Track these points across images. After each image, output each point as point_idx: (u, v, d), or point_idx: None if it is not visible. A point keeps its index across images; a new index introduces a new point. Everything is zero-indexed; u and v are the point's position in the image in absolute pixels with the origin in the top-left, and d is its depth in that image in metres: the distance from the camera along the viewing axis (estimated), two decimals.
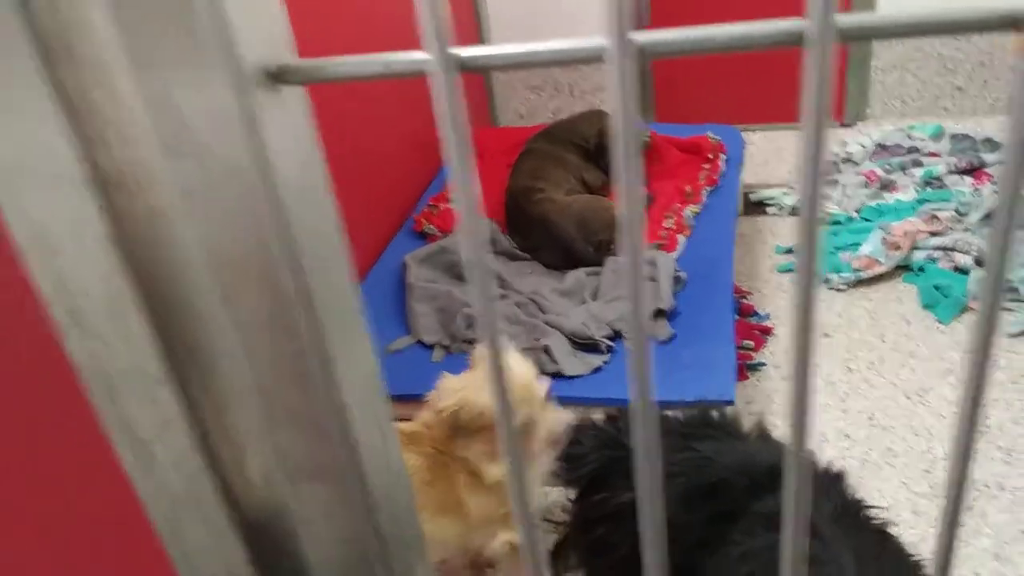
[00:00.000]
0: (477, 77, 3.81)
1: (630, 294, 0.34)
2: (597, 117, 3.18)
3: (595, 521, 1.60)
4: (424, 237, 2.82)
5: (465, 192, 0.48)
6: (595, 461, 1.62)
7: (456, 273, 2.61)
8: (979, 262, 2.88)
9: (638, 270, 0.35)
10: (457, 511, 1.60)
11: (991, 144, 3.44)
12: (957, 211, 3.11)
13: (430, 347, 2.35)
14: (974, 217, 3.07)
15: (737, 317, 2.72)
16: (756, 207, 3.42)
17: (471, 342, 2.37)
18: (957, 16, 0.36)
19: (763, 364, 2.60)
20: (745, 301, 2.84)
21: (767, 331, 2.72)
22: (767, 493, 1.39)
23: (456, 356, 2.33)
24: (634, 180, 0.34)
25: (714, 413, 1.65)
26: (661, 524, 0.40)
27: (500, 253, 2.75)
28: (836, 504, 1.37)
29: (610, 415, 1.70)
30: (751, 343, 2.64)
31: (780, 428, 2.38)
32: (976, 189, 3.20)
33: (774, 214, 3.39)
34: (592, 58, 0.43)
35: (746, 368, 2.56)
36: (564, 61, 0.44)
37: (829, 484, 1.41)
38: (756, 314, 2.80)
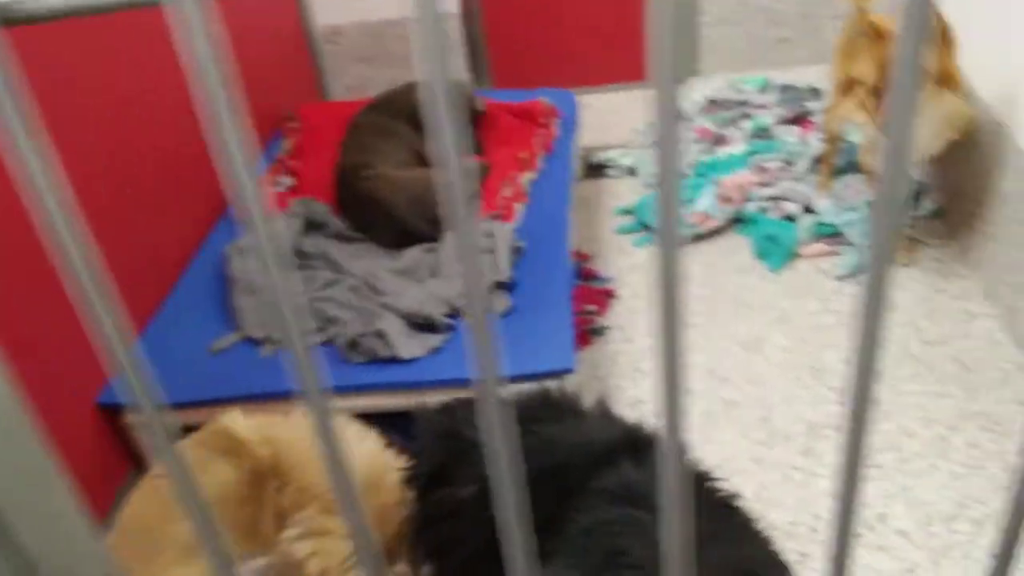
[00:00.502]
0: (301, 48, 3.62)
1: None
2: None
3: (439, 519, 1.54)
4: None
5: (29, 172, 0.38)
6: (434, 456, 1.56)
7: (284, 261, 2.46)
8: (808, 209, 2.96)
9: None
10: (266, 538, 1.46)
11: (815, 93, 3.54)
12: (786, 160, 3.20)
13: (259, 342, 2.21)
14: (801, 166, 3.16)
15: (580, 282, 2.71)
16: (596, 169, 3.41)
17: None
18: None
19: (607, 327, 2.60)
20: (587, 265, 2.83)
21: (609, 294, 2.72)
22: (605, 469, 1.38)
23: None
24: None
25: (554, 391, 1.61)
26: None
27: (332, 236, 2.63)
28: None
29: (446, 405, 1.63)
30: (594, 307, 2.63)
31: (625, 392, 2.38)
32: (802, 138, 3.29)
33: (613, 176, 3.39)
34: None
35: (590, 333, 2.55)
36: (113, 8, 0.36)
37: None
38: (598, 277, 2.79)
